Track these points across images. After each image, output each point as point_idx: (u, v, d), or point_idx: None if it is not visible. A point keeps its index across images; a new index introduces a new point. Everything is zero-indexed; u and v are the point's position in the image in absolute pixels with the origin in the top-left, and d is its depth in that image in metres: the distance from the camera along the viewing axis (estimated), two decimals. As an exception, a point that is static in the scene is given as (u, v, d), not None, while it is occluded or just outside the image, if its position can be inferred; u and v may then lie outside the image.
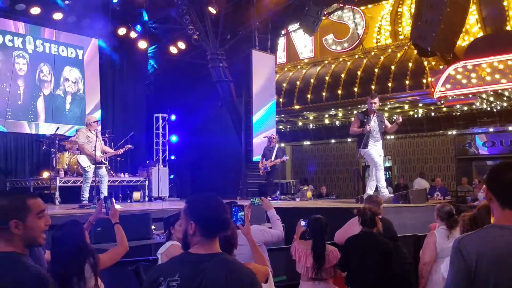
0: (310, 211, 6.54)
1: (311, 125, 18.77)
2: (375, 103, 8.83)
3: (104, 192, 9.13)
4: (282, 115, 16.65)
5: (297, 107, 16.43)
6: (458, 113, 15.88)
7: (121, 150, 9.92)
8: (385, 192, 9.06)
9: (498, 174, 2.11)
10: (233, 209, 3.58)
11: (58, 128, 11.04)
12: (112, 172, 11.91)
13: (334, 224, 5.37)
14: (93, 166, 8.93)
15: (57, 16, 12.21)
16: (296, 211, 8.16)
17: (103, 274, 3.47)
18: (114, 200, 3.93)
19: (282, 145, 17.73)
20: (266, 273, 3.19)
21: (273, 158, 11.35)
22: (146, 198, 12.02)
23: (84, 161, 9.07)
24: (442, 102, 14.43)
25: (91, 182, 9.07)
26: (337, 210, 8.40)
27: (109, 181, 10.86)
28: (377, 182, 8.92)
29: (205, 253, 2.11)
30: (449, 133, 16.35)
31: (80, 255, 3.16)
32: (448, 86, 13.46)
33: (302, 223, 4.81)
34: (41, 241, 2.26)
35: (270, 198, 9.56)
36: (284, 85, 16.83)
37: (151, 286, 2.09)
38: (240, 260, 2.30)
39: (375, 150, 8.82)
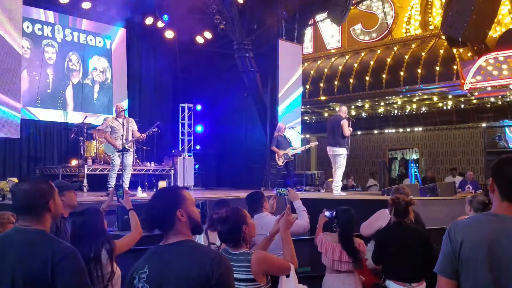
0: (335, 202, 6.48)
1: (337, 117, 18.56)
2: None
3: (126, 181, 9.18)
4: (308, 106, 16.53)
5: (323, 98, 16.27)
6: (488, 106, 15.51)
7: (144, 135, 9.92)
8: None
9: (503, 167, 2.22)
10: None
11: (86, 116, 11.19)
12: (138, 161, 12.05)
13: (359, 216, 5.32)
14: (117, 153, 9.05)
15: (86, 5, 12.34)
16: (320, 203, 8.10)
17: (125, 260, 3.54)
18: (126, 188, 4.07)
19: (307, 136, 17.65)
20: (286, 269, 3.18)
21: (288, 147, 11.25)
22: (172, 187, 12.12)
23: (108, 149, 9.27)
24: (472, 94, 14.12)
25: (118, 170, 9.19)
26: (363, 202, 8.32)
27: (135, 169, 10.98)
28: None
29: (170, 242, 2.27)
30: (479, 125, 15.99)
31: (98, 241, 3.28)
32: (478, 77, 13.12)
33: (327, 213, 4.70)
34: (63, 212, 2.78)
35: (295, 189, 9.51)
36: (310, 75, 16.68)
37: (128, 283, 2.29)
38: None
39: None
